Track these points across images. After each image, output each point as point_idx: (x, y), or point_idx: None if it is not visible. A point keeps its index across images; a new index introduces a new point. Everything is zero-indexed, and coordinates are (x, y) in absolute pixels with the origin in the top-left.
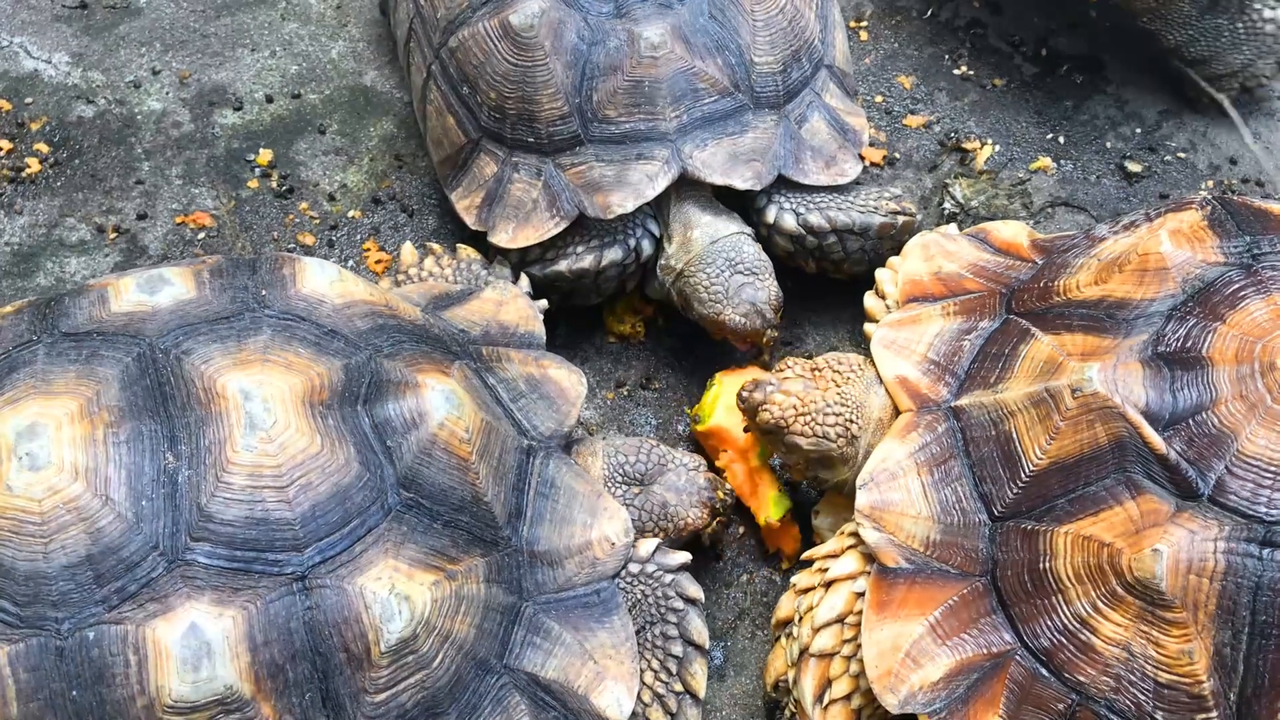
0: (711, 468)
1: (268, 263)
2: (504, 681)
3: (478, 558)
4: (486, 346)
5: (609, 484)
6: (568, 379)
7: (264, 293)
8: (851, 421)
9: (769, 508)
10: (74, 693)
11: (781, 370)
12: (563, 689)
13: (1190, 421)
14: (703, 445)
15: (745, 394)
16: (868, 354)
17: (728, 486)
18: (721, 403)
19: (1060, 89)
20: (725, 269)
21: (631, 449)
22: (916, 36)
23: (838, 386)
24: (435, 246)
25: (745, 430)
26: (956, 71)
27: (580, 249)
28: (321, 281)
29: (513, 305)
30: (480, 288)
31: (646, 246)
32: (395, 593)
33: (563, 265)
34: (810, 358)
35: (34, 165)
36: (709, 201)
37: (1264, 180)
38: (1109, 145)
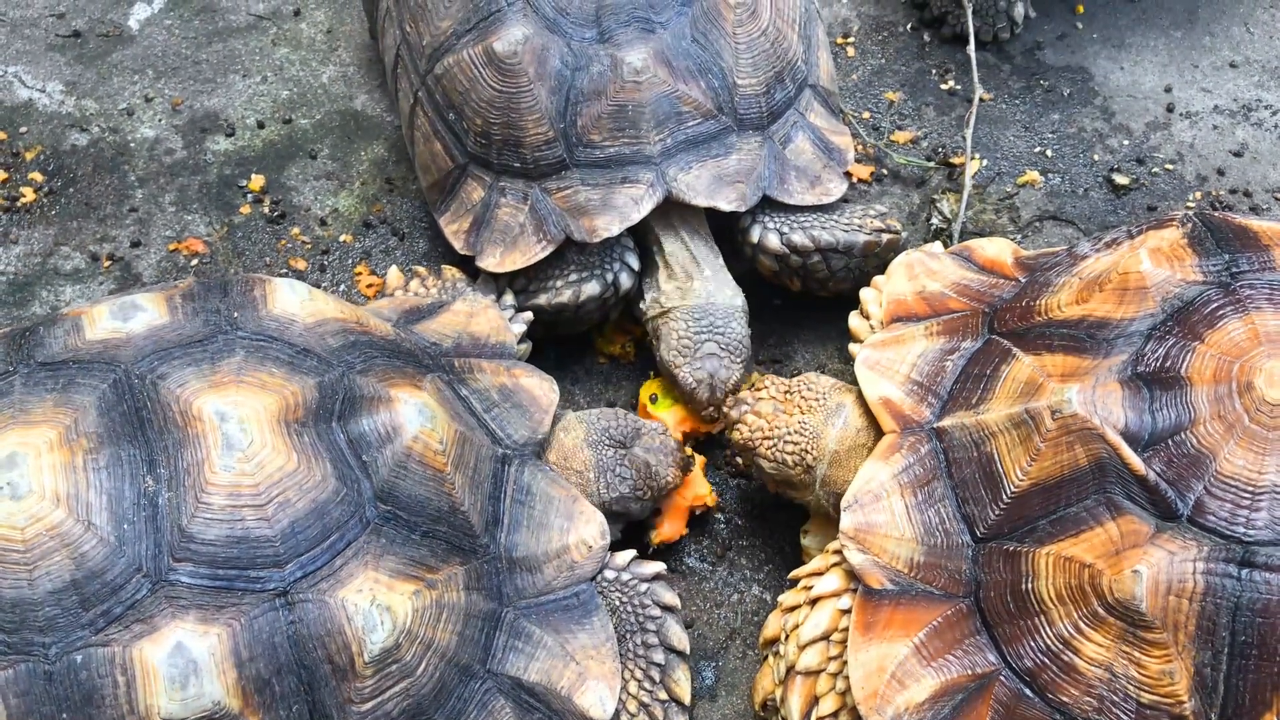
0: None
1: (239, 285)
2: (488, 686)
3: (457, 566)
4: (458, 358)
5: (598, 448)
6: (539, 387)
7: (236, 314)
8: (806, 451)
9: (664, 530)
10: (64, 716)
11: (758, 389)
12: (546, 691)
13: (1169, 442)
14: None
15: (727, 409)
16: (854, 374)
17: (688, 448)
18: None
19: (1048, 102)
20: (705, 331)
21: (610, 416)
22: (903, 52)
23: (800, 414)
24: (420, 269)
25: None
26: (944, 86)
27: (559, 283)
28: (292, 301)
29: (483, 316)
30: (451, 300)
31: (625, 280)
32: (376, 604)
33: (542, 299)
34: (799, 374)
35: (29, 194)
36: (711, 247)
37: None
38: (1096, 158)
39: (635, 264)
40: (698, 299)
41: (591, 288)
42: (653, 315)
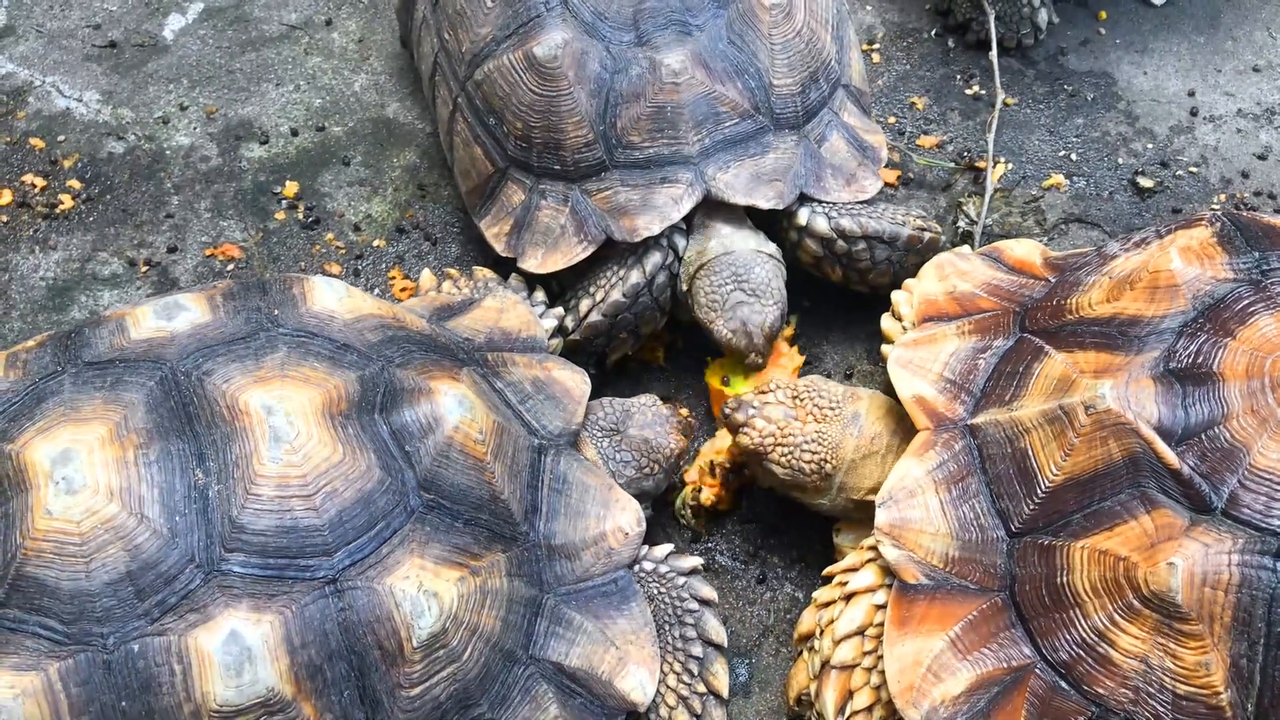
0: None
1: (278, 283)
2: (531, 671)
3: (499, 553)
4: (491, 352)
5: (596, 441)
6: (572, 379)
7: (276, 312)
8: (826, 461)
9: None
10: (123, 704)
11: (765, 392)
12: (587, 676)
13: (1202, 436)
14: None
15: (728, 411)
16: (885, 373)
17: (685, 409)
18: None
19: (1072, 106)
20: (729, 280)
21: (595, 408)
22: (928, 58)
23: (817, 422)
24: (452, 271)
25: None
26: (968, 91)
27: (622, 271)
28: (330, 298)
29: (513, 312)
30: (481, 297)
31: (680, 241)
32: (423, 590)
33: (616, 294)
34: (830, 375)
35: (67, 201)
36: (736, 216)
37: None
38: (1121, 161)
39: (685, 228)
40: (716, 252)
41: (654, 258)
42: (685, 284)
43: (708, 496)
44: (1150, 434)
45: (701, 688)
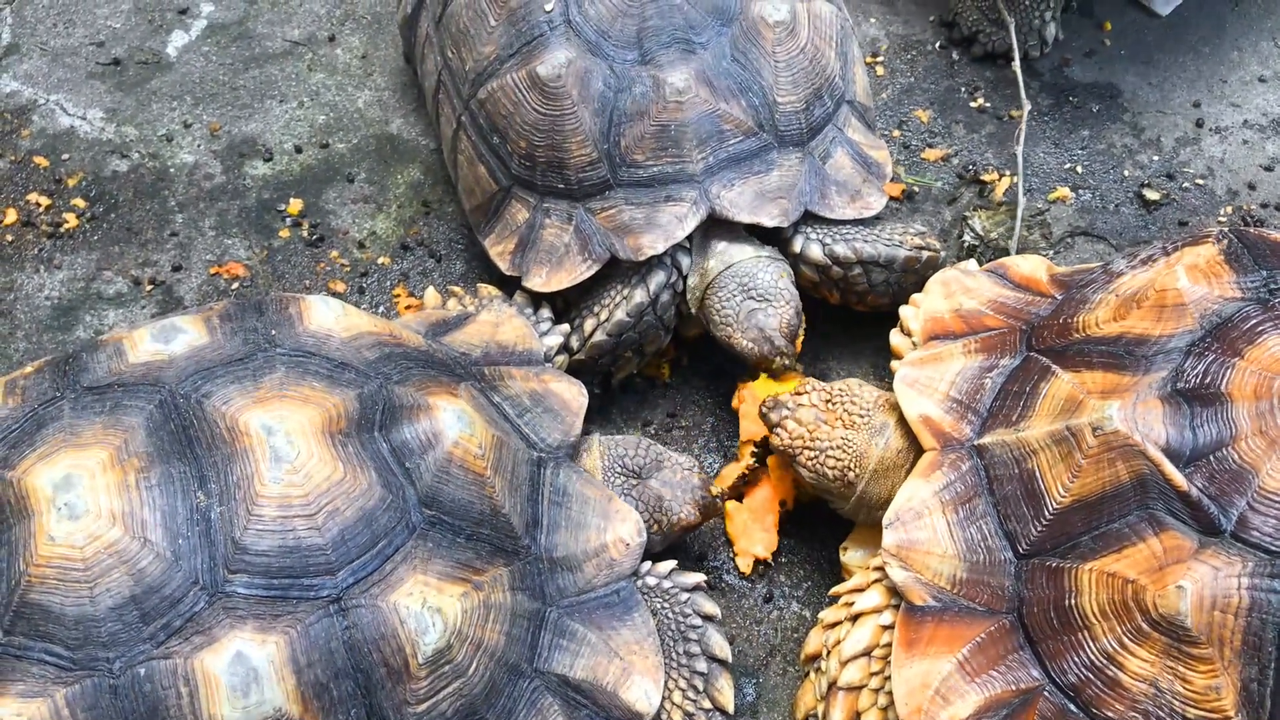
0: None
1: (274, 303)
2: (536, 684)
3: (501, 567)
4: (488, 366)
5: (608, 475)
6: (569, 391)
7: (273, 332)
8: (849, 469)
9: (754, 542)
10: None
11: (800, 393)
12: (592, 687)
13: (1211, 458)
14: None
15: (764, 410)
16: (889, 388)
17: (719, 489)
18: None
19: (1077, 119)
20: (737, 293)
21: (630, 444)
22: (932, 70)
23: (844, 428)
24: (456, 289)
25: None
26: (973, 104)
27: (626, 290)
28: (327, 317)
29: (509, 325)
30: (477, 312)
31: (684, 260)
32: (427, 606)
33: (620, 314)
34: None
35: (71, 220)
36: (735, 232)
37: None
38: (1127, 174)
39: (687, 261)
40: (718, 269)
41: (659, 277)
42: (695, 307)
43: (765, 548)
44: (1158, 456)
45: (707, 704)
